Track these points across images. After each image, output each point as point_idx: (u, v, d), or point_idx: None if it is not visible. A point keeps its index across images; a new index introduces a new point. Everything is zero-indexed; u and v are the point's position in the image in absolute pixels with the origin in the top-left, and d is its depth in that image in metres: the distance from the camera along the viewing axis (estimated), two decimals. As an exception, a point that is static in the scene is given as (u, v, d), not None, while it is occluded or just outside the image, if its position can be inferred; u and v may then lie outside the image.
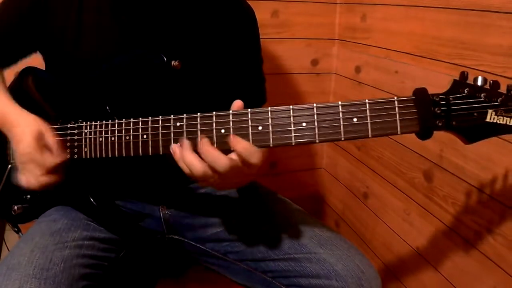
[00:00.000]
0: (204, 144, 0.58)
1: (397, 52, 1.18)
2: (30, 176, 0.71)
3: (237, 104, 0.60)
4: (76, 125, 0.74)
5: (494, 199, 0.90)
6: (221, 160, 0.56)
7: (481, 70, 0.89)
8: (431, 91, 0.56)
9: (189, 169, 0.59)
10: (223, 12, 0.84)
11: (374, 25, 1.29)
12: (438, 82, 1.01)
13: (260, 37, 0.92)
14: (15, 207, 0.80)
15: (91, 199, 0.75)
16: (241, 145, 0.56)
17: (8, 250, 1.05)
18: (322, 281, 0.71)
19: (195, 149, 0.59)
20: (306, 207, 0.88)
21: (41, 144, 0.69)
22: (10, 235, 1.07)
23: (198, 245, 0.86)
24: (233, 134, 0.58)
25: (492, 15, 0.86)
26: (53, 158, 0.69)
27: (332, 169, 1.63)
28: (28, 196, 0.81)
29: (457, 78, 0.56)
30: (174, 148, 0.60)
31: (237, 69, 0.86)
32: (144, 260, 0.90)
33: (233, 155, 0.57)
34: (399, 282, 1.26)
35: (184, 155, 0.59)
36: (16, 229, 0.86)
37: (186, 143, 0.59)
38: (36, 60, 0.85)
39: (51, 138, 0.70)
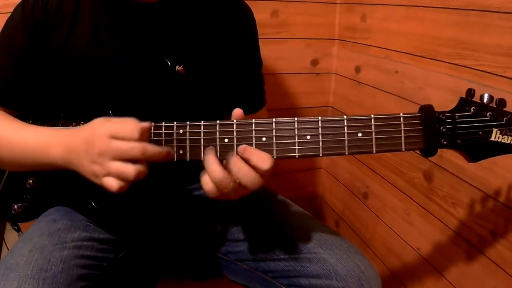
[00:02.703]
0: (237, 158, 0.57)
1: (397, 52, 1.18)
2: (123, 171, 0.59)
3: (237, 112, 0.60)
4: (77, 127, 0.74)
5: (495, 199, 0.90)
6: (250, 174, 0.56)
7: (481, 70, 0.89)
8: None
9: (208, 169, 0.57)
10: (221, 14, 0.83)
11: (374, 25, 1.29)
12: (438, 82, 1.01)
13: (260, 37, 0.92)
14: (15, 206, 0.80)
15: (91, 202, 0.75)
16: (249, 151, 0.56)
17: (8, 250, 1.05)
18: (322, 281, 0.71)
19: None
20: (306, 207, 0.88)
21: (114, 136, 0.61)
22: (10, 235, 1.07)
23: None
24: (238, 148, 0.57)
25: (492, 15, 0.86)
26: (139, 141, 0.60)
27: (332, 169, 1.63)
28: (28, 196, 0.81)
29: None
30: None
31: (237, 72, 0.86)
32: (144, 261, 0.89)
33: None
34: (399, 282, 1.26)
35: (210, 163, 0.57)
36: (16, 228, 0.86)
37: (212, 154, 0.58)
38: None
39: (124, 126, 0.61)
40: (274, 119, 0.57)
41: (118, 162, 0.59)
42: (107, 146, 0.59)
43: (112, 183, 0.59)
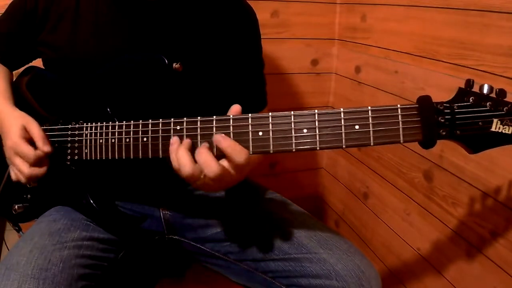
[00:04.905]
0: (202, 147, 0.59)
1: (397, 52, 1.18)
2: (18, 169, 0.73)
3: (235, 108, 0.60)
4: (76, 125, 0.74)
5: (495, 199, 0.90)
6: (212, 166, 0.57)
7: (481, 70, 0.89)
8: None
9: (178, 165, 0.59)
10: (224, 14, 0.83)
11: (374, 25, 1.29)
12: (438, 82, 1.01)
13: (261, 38, 0.92)
14: (16, 206, 0.81)
15: (92, 202, 0.75)
16: (226, 143, 0.57)
17: (8, 250, 1.05)
18: (322, 281, 0.71)
19: (193, 151, 0.59)
20: (306, 207, 0.88)
21: (25, 137, 0.72)
22: (10, 235, 1.07)
23: (198, 245, 0.86)
24: (220, 134, 0.58)
25: (492, 15, 0.86)
26: (38, 150, 0.71)
27: (332, 169, 1.63)
28: (29, 196, 0.81)
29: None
30: (175, 139, 0.61)
31: (238, 72, 0.86)
32: (143, 261, 0.89)
33: (224, 162, 0.58)
34: (399, 282, 1.26)
35: (179, 150, 0.59)
36: (16, 228, 0.86)
37: (186, 141, 0.60)
38: (38, 61, 0.86)
39: (35, 131, 0.72)
40: (270, 113, 0.57)
41: (19, 159, 0.72)
42: (16, 143, 0.71)
43: (12, 174, 0.75)
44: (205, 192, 0.87)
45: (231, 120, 0.58)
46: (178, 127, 0.62)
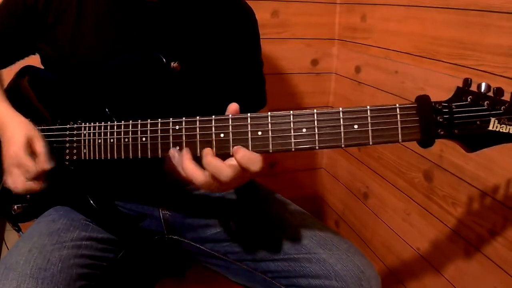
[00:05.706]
0: (207, 155, 0.58)
1: (397, 52, 1.18)
2: (15, 179, 0.72)
3: (233, 107, 0.59)
4: (75, 125, 0.74)
5: (495, 199, 0.90)
6: (224, 171, 0.56)
7: (481, 70, 0.89)
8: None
9: (188, 177, 0.58)
10: (223, 13, 0.83)
11: (374, 25, 1.29)
12: (438, 82, 1.01)
13: (260, 37, 0.91)
14: (15, 207, 0.81)
15: (91, 201, 0.75)
16: (241, 154, 0.56)
17: (8, 250, 1.05)
18: (322, 281, 0.71)
19: (194, 155, 0.59)
20: (306, 207, 0.88)
21: (29, 150, 0.71)
22: (10, 235, 1.07)
23: (197, 245, 0.86)
24: (233, 143, 0.57)
25: (492, 15, 0.86)
26: (39, 166, 0.70)
27: (332, 169, 1.63)
28: (28, 196, 0.81)
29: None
30: (173, 152, 0.60)
31: (237, 71, 0.86)
32: (143, 261, 0.89)
33: (233, 161, 0.57)
34: (399, 282, 1.26)
35: (183, 164, 0.58)
36: (16, 228, 0.86)
37: (186, 152, 0.59)
38: (35, 60, 0.85)
39: (39, 147, 0.71)
40: (269, 113, 0.57)
41: (18, 171, 0.71)
42: (18, 156, 0.70)
43: (8, 182, 0.73)
44: (205, 192, 0.87)
45: (230, 120, 0.58)
46: (177, 127, 0.61)
